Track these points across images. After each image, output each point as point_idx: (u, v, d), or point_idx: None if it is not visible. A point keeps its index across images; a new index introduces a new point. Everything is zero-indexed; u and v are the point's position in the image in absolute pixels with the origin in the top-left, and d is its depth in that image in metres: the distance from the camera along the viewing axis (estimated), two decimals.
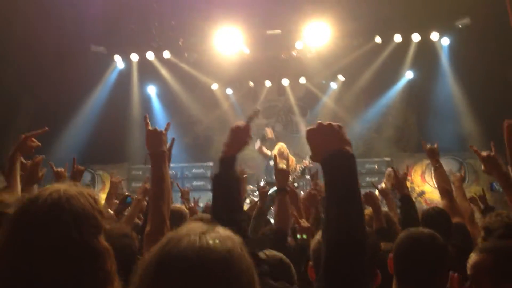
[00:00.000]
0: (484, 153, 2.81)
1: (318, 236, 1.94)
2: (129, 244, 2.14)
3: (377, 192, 5.89)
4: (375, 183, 5.72)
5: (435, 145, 3.96)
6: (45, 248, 1.16)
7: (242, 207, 1.99)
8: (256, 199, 7.35)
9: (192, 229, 1.04)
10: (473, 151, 2.97)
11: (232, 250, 1.00)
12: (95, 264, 1.23)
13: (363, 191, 6.11)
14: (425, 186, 11.38)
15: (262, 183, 9.10)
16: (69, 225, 1.21)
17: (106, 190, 5.20)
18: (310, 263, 1.99)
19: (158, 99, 12.39)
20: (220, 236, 1.03)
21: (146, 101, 12.22)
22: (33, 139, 2.77)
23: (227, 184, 1.94)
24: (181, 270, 0.96)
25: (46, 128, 2.83)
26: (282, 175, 3.33)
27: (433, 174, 4.16)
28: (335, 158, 1.43)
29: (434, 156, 3.86)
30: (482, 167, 2.80)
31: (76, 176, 3.29)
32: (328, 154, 1.44)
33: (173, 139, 2.51)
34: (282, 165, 6.01)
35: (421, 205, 9.54)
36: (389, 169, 7.30)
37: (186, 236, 1.01)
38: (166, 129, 2.33)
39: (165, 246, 1.00)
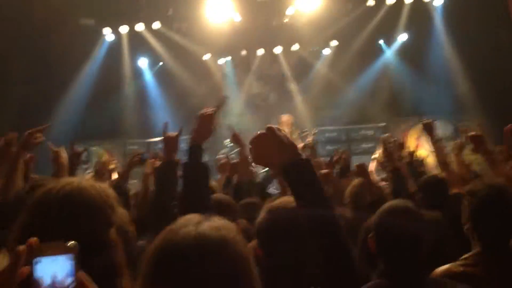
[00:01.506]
0: (471, 133, 3.19)
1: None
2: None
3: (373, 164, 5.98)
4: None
5: (431, 121, 4.13)
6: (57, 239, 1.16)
7: (209, 194, 2.06)
8: None
9: (189, 219, 1.12)
10: (462, 131, 3.19)
11: (225, 236, 1.06)
12: (106, 257, 1.27)
13: (358, 159, 6.61)
14: (420, 151, 10.96)
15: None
16: (80, 217, 1.26)
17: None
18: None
19: (150, 71, 12.37)
20: (215, 224, 1.09)
21: (138, 73, 12.17)
22: (37, 134, 2.79)
23: (195, 172, 2.03)
24: (179, 257, 1.02)
25: (49, 124, 2.92)
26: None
27: (432, 148, 4.25)
28: (295, 168, 1.43)
29: (431, 131, 3.98)
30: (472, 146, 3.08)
31: (73, 159, 3.30)
32: (286, 165, 1.44)
33: (180, 129, 2.58)
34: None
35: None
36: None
37: (183, 227, 1.09)
38: (178, 134, 2.46)
39: (165, 237, 1.08)
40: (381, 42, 11.73)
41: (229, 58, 12.22)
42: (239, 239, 1.08)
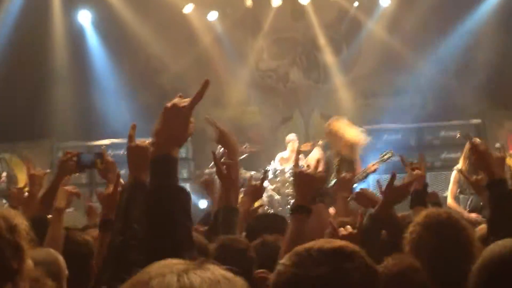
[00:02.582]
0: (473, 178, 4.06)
1: None
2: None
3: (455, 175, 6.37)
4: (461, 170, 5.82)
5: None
6: None
7: (191, 239, 1.86)
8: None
9: (167, 266, 1.00)
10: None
11: None
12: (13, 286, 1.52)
13: (436, 177, 8.80)
14: None
15: (271, 168, 8.93)
16: None
17: (20, 183, 5.33)
18: None
19: (96, 32, 11.24)
20: (211, 275, 0.97)
21: (76, 36, 11.16)
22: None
23: (163, 201, 1.79)
24: None
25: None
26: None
27: None
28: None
29: None
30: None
31: None
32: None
33: (133, 126, 2.44)
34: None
35: None
36: (475, 140, 6.03)
37: (159, 276, 0.97)
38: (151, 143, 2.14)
39: None
40: None
41: (224, 11, 11.32)
42: None
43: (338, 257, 1.54)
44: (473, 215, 6.21)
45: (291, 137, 9.25)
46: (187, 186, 9.64)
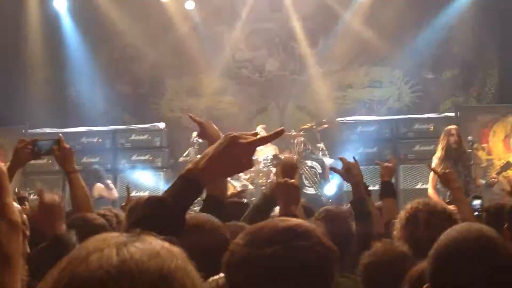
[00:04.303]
0: (440, 171, 4.40)
1: None
2: None
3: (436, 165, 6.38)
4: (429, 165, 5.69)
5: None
6: None
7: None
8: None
9: (104, 240, 0.97)
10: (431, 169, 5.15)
11: (167, 265, 0.93)
12: None
13: (410, 170, 9.52)
14: (510, 158, 9.85)
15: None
16: None
17: None
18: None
19: (72, 19, 11.18)
20: (150, 246, 0.95)
21: (51, 22, 11.13)
22: None
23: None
24: None
25: None
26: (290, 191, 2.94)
27: None
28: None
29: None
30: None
31: None
32: None
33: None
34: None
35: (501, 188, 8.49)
36: (450, 127, 7.02)
37: (97, 250, 0.94)
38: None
39: (67, 266, 0.93)
40: None
41: (202, 0, 11.33)
42: (189, 270, 0.95)
43: (291, 236, 1.51)
44: (451, 207, 6.59)
45: (258, 129, 9.22)
46: (162, 175, 9.94)
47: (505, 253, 1.76)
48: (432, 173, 7.06)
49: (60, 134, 3.42)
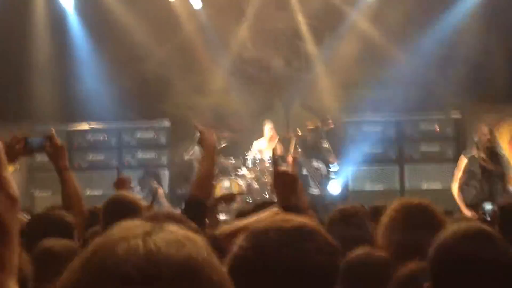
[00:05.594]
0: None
1: None
2: None
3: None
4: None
5: None
6: None
7: None
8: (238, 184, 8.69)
9: (129, 229, 0.97)
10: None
11: (194, 256, 0.95)
12: None
13: (414, 170, 9.38)
14: None
15: (251, 156, 9.23)
16: None
17: None
18: None
19: (78, 16, 11.25)
20: (175, 237, 0.97)
21: (57, 20, 11.16)
22: None
23: None
24: None
25: None
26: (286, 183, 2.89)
27: None
28: None
29: None
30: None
31: None
32: None
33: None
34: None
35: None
36: (485, 127, 7.26)
37: (123, 241, 0.94)
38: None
39: (93, 257, 0.94)
40: None
41: None
42: (213, 259, 0.97)
43: (297, 238, 1.48)
44: (469, 213, 6.22)
45: (269, 125, 9.39)
46: (166, 173, 10.10)
47: (504, 251, 1.78)
48: (461, 170, 6.93)
49: (52, 130, 3.40)
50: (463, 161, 7.02)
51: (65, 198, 3.29)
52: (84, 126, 10.31)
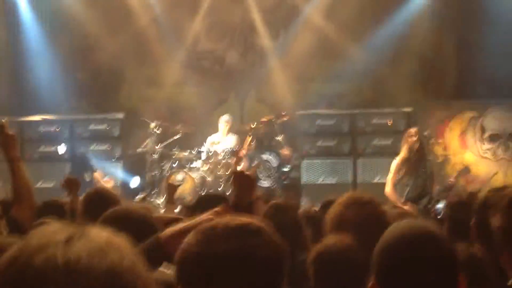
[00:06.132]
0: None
1: None
2: None
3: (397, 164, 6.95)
4: None
5: None
6: None
7: None
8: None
9: (49, 235, 0.93)
10: None
11: (117, 265, 0.91)
12: None
13: (366, 163, 9.60)
14: (466, 154, 10.30)
15: (205, 149, 9.28)
16: None
17: None
18: None
19: (30, 8, 11.12)
20: (96, 244, 0.92)
21: (9, 11, 11.14)
22: None
23: None
24: None
25: None
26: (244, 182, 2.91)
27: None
28: None
29: None
30: None
31: None
32: None
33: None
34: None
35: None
36: (411, 130, 7.53)
37: (42, 249, 0.90)
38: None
39: (10, 269, 0.89)
40: None
41: None
42: (139, 267, 0.93)
43: (244, 233, 1.54)
44: (406, 207, 6.29)
45: (225, 118, 9.37)
46: (119, 166, 10.05)
47: (447, 246, 1.81)
48: (393, 171, 7.16)
49: (4, 120, 3.35)
50: (394, 164, 7.21)
51: (15, 189, 3.25)
52: (36, 117, 10.15)
